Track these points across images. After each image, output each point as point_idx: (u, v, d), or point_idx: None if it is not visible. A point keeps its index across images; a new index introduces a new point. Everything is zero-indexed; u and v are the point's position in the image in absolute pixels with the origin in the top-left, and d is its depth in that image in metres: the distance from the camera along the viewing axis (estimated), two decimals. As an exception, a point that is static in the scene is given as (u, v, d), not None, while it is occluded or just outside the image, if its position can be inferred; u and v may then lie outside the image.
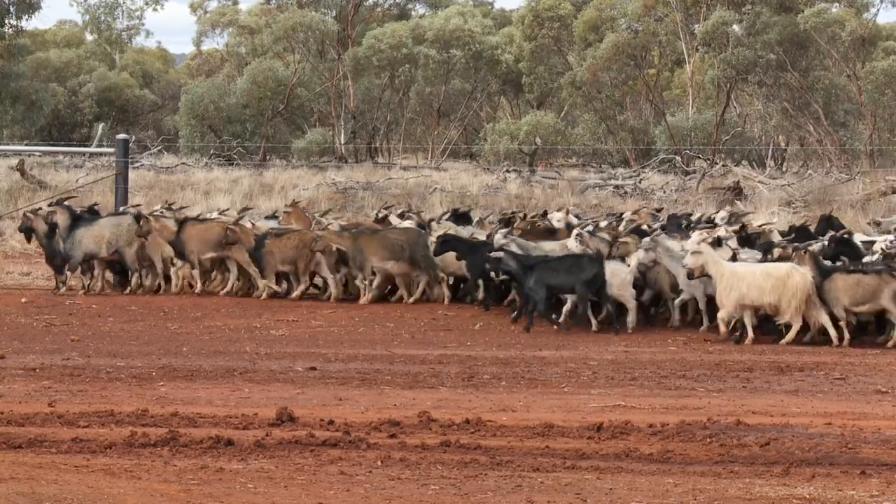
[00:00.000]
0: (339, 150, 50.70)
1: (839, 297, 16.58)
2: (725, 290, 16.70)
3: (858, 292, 16.57)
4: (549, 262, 17.88)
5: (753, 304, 16.72)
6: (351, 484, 9.44)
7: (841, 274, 16.67)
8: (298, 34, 51.93)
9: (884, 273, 16.58)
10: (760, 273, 16.71)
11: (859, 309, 16.70)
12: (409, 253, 19.86)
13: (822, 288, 16.59)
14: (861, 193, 32.52)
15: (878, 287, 16.52)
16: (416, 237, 20.05)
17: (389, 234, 20.19)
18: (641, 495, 9.23)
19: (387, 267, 19.96)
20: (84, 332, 17.26)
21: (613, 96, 49.08)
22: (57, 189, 33.17)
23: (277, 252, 20.24)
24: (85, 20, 74.19)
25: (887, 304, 16.54)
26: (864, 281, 16.58)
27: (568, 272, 17.60)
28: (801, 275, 16.57)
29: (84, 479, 9.33)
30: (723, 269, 16.73)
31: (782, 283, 16.57)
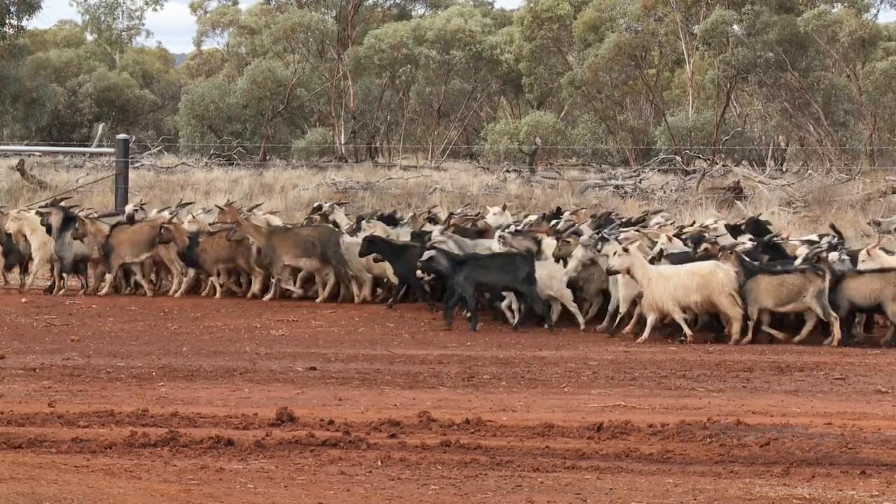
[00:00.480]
0: (340, 150, 50.70)
1: (761, 297, 16.71)
2: (651, 291, 16.83)
3: (783, 292, 16.70)
4: (481, 260, 17.95)
5: (680, 303, 16.83)
6: (351, 484, 9.45)
7: (765, 274, 16.78)
8: (298, 34, 51.93)
9: (808, 272, 16.71)
10: (685, 273, 16.84)
11: (784, 308, 16.85)
12: (321, 250, 19.95)
13: (744, 287, 16.71)
14: (861, 193, 32.52)
15: (802, 286, 16.64)
16: (329, 234, 20.15)
17: (302, 232, 20.31)
18: (641, 495, 9.23)
19: (299, 264, 20.09)
20: (84, 332, 17.26)
21: (613, 96, 49.08)
22: (57, 189, 33.18)
23: (211, 250, 20.29)
24: (85, 20, 74.20)
25: (811, 302, 16.65)
26: (788, 281, 16.71)
27: (500, 271, 17.70)
28: (724, 272, 16.71)
29: (84, 479, 9.33)
30: (649, 272, 16.84)
31: (708, 281, 16.69)
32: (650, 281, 16.76)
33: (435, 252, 17.89)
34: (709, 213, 27.83)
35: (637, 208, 29.84)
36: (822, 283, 16.57)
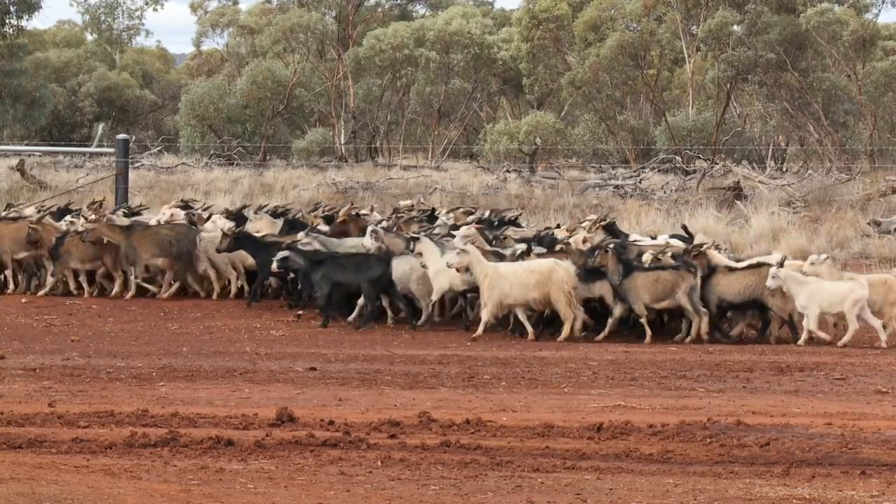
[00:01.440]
0: (340, 150, 50.71)
1: (640, 294, 16.82)
2: (489, 290, 16.91)
3: (658, 289, 16.82)
4: (338, 259, 18.06)
5: (517, 301, 16.93)
6: (351, 484, 9.45)
7: (641, 271, 16.89)
8: (298, 34, 51.94)
9: (681, 269, 16.83)
10: (523, 271, 16.93)
11: (659, 305, 16.97)
12: (177, 248, 20.00)
13: (622, 285, 16.84)
14: (861, 193, 32.53)
15: (675, 283, 16.77)
16: (186, 233, 20.21)
17: (160, 231, 20.33)
18: (641, 495, 9.22)
19: (157, 262, 20.17)
20: (84, 333, 17.26)
21: (613, 96, 49.09)
22: (57, 189, 33.18)
23: (76, 250, 20.27)
24: (85, 20, 74.20)
25: (682, 300, 16.80)
26: (662, 277, 16.83)
27: (356, 270, 17.82)
28: (563, 269, 16.84)
29: (84, 480, 9.33)
30: (486, 269, 16.94)
31: (547, 278, 16.78)
32: (487, 278, 16.91)
33: (290, 252, 18.09)
34: (709, 213, 27.87)
35: (637, 208, 29.87)
36: (693, 279, 16.76)
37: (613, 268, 16.85)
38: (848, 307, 16.33)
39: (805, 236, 25.41)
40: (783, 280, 16.39)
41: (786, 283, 16.40)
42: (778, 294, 16.56)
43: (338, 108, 52.19)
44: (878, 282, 16.99)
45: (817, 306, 16.39)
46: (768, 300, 16.70)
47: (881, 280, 17.08)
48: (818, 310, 16.41)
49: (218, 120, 50.85)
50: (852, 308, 16.33)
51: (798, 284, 16.40)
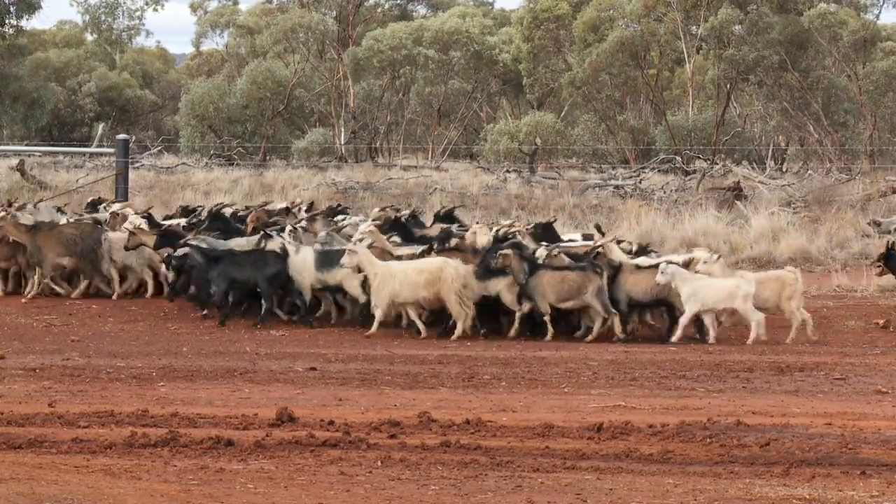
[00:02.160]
0: (340, 150, 50.71)
1: (545, 293, 16.92)
2: (379, 289, 17.03)
3: (564, 288, 16.91)
4: (236, 256, 18.11)
5: (407, 300, 17.06)
6: (351, 484, 9.45)
7: (547, 271, 16.97)
8: (298, 34, 51.94)
9: (588, 270, 16.93)
10: (413, 270, 17.06)
11: (565, 305, 17.07)
12: (82, 247, 19.98)
13: (528, 285, 16.94)
14: (861, 193, 32.52)
15: (582, 284, 16.85)
16: (90, 232, 20.16)
17: (65, 230, 20.25)
18: (641, 495, 9.22)
19: (63, 262, 20.12)
20: (84, 333, 17.26)
21: (613, 96, 49.08)
22: (57, 189, 33.19)
23: None
24: (85, 20, 74.20)
25: (590, 300, 16.89)
26: (569, 277, 16.93)
27: (253, 267, 17.90)
28: (453, 268, 16.97)
29: (84, 480, 9.33)
30: (376, 268, 17.08)
31: (436, 277, 16.90)
32: (378, 277, 17.04)
33: (189, 248, 18.18)
34: (709, 213, 27.86)
35: (637, 208, 29.86)
36: (600, 280, 16.88)
37: (518, 268, 16.99)
38: (740, 304, 16.54)
39: (805, 236, 25.41)
40: (671, 276, 16.58)
41: (673, 280, 16.58)
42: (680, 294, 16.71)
43: (338, 108, 52.18)
44: (771, 278, 17.16)
45: (700, 303, 16.59)
46: (675, 299, 16.86)
47: (775, 276, 17.26)
48: (699, 306, 16.61)
49: (218, 120, 50.85)
50: (744, 304, 16.54)
51: (683, 281, 16.58)
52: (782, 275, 17.16)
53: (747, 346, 16.62)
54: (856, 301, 20.18)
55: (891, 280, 20.84)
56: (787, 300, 16.94)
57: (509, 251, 17.03)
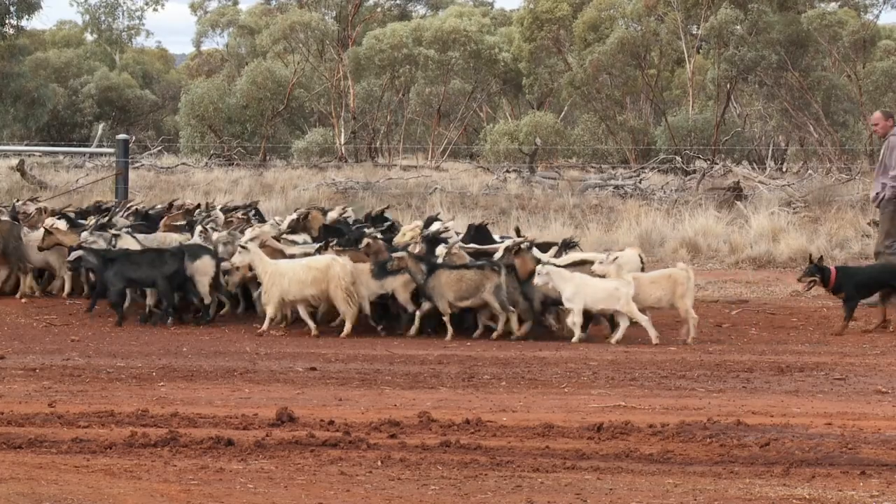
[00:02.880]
0: (340, 150, 50.72)
1: (444, 292, 17.02)
2: (269, 287, 17.16)
3: (462, 287, 17.01)
4: (132, 256, 18.20)
5: (296, 298, 17.21)
6: (351, 484, 9.45)
7: (445, 270, 17.08)
8: (298, 34, 51.96)
9: (486, 268, 17.02)
10: (301, 267, 17.20)
11: (463, 303, 17.16)
12: (2, 245, 19.96)
13: (426, 284, 17.06)
14: (861, 193, 32.52)
15: (480, 282, 16.94)
16: (9, 229, 20.10)
17: None
18: (641, 495, 9.23)
19: None
20: (84, 333, 17.27)
21: (613, 96, 49.10)
22: (57, 189, 33.20)
23: None
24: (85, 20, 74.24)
25: (489, 298, 16.98)
26: (466, 276, 17.03)
27: (149, 266, 17.94)
28: (340, 266, 17.10)
29: (84, 480, 9.33)
30: (267, 266, 17.22)
31: (323, 275, 17.04)
32: (268, 275, 17.17)
33: (83, 251, 18.25)
34: (709, 213, 27.86)
35: (637, 208, 29.87)
36: (498, 278, 16.94)
37: (415, 269, 17.10)
38: (622, 304, 16.64)
39: (805, 236, 25.41)
40: (549, 277, 16.67)
41: (552, 280, 16.68)
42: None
43: (338, 108, 52.19)
44: (664, 277, 17.20)
45: (581, 302, 16.69)
46: None
47: (667, 275, 17.27)
48: (581, 305, 16.71)
49: (218, 120, 50.87)
50: (627, 305, 16.63)
51: (563, 281, 16.68)
52: (674, 273, 17.22)
53: (747, 347, 16.63)
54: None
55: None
56: (680, 298, 16.99)
57: (403, 254, 17.19)
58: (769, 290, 21.13)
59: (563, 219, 28.91)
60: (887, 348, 16.57)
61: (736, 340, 17.21)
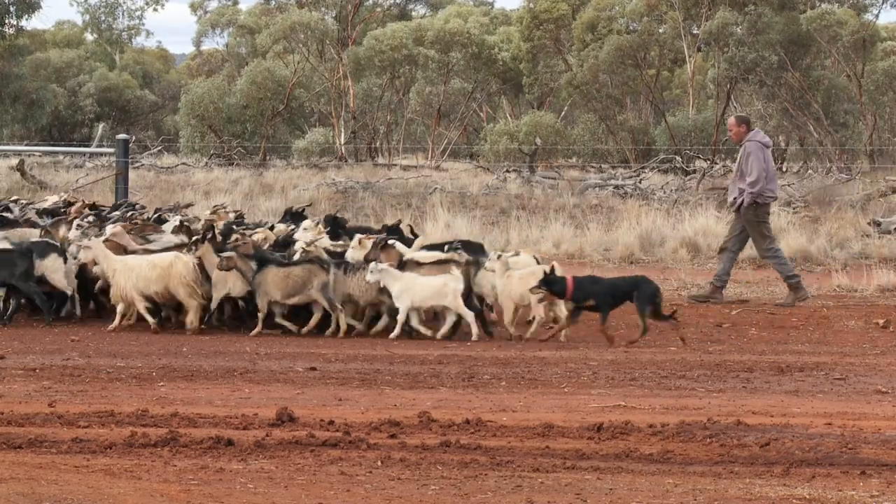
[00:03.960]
0: (340, 150, 50.73)
1: (269, 290, 17.10)
2: (117, 283, 17.29)
3: (289, 284, 17.08)
4: None
5: (143, 293, 17.30)
6: (351, 484, 9.45)
7: (272, 267, 17.13)
8: (298, 34, 51.97)
9: (313, 265, 17.11)
10: (147, 264, 17.32)
11: (291, 301, 17.21)
12: None
13: (254, 281, 17.13)
14: (861, 193, 32.54)
15: (307, 279, 17.03)
16: None
17: None
18: (641, 495, 9.23)
19: None
20: (84, 332, 17.26)
21: (613, 96, 49.12)
22: (57, 189, 33.20)
23: None
24: (85, 20, 74.23)
25: (316, 295, 17.06)
26: (293, 274, 17.09)
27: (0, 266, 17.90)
28: (183, 263, 17.19)
29: (84, 480, 9.33)
30: (114, 263, 17.33)
31: (167, 272, 17.17)
32: (116, 272, 17.29)
33: None
34: (709, 213, 27.87)
35: (637, 208, 29.87)
36: (325, 276, 16.99)
37: (244, 267, 17.15)
38: (451, 301, 16.73)
39: (805, 236, 25.41)
40: (380, 274, 16.78)
41: (382, 278, 16.78)
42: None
43: (338, 108, 52.20)
44: (526, 274, 17.25)
45: (409, 300, 16.78)
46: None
47: (529, 272, 17.34)
48: (409, 303, 16.79)
49: (218, 120, 50.89)
50: (454, 301, 16.72)
51: (393, 279, 16.78)
52: (535, 270, 17.33)
53: (747, 346, 16.62)
54: (856, 301, 20.18)
55: (892, 279, 20.87)
56: None
57: (232, 253, 17.25)
58: (769, 290, 21.13)
59: (563, 219, 28.91)
60: (887, 348, 16.57)
61: (736, 340, 17.20)
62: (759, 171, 19.22)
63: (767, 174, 19.34)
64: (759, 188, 19.20)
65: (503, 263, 17.17)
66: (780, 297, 20.01)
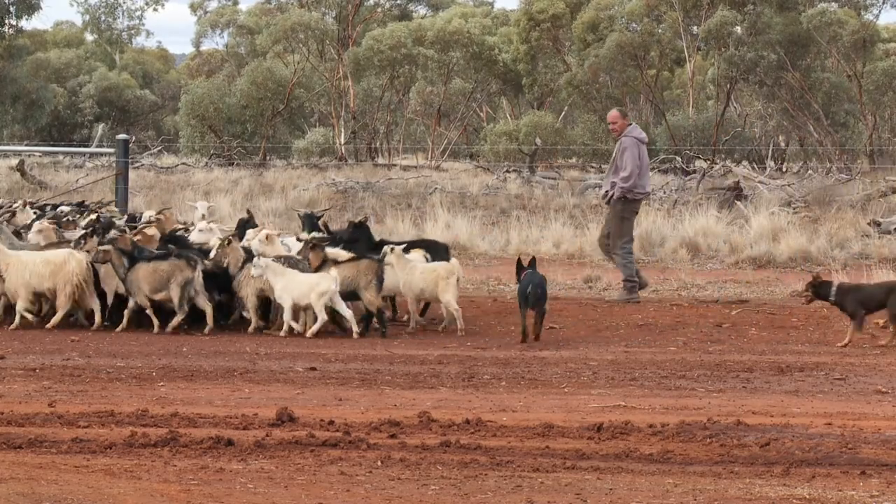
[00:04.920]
0: (340, 150, 50.73)
1: (140, 286, 17.17)
2: (14, 279, 17.29)
3: (155, 279, 17.15)
4: None
5: (36, 290, 17.34)
6: (351, 484, 9.45)
7: (143, 263, 17.21)
8: (298, 34, 51.97)
9: (180, 261, 17.19)
10: (41, 260, 17.35)
11: (158, 297, 17.26)
12: None
13: (127, 278, 17.21)
14: (861, 193, 32.53)
15: (171, 274, 17.12)
16: None
17: None
18: (641, 495, 9.22)
19: None
20: (84, 333, 17.25)
21: (613, 96, 49.11)
22: (57, 189, 33.20)
23: None
24: (85, 20, 74.23)
25: (173, 291, 17.13)
26: (160, 269, 17.14)
27: None
28: (77, 261, 17.21)
29: (84, 480, 9.33)
30: (9, 259, 17.34)
31: (59, 268, 17.19)
32: (9, 267, 17.30)
33: None
34: (709, 214, 27.86)
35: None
36: (190, 272, 17.06)
37: (118, 262, 17.21)
38: (315, 299, 16.78)
39: (805, 236, 25.41)
40: (263, 270, 16.83)
41: (266, 273, 16.84)
42: (371, 287, 16.98)
43: (338, 108, 52.20)
44: (429, 269, 17.44)
45: (290, 297, 16.85)
46: (361, 293, 17.14)
47: (432, 268, 17.50)
48: (290, 301, 16.85)
49: (218, 120, 50.88)
50: (318, 300, 16.76)
51: (275, 276, 16.83)
52: (437, 266, 17.46)
53: (747, 346, 16.62)
54: (856, 301, 20.15)
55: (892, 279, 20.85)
56: (441, 292, 17.24)
57: (108, 247, 17.28)
58: (769, 290, 21.13)
59: (563, 219, 28.91)
60: (887, 348, 16.56)
61: (736, 340, 17.19)
62: (633, 166, 19.30)
63: (640, 170, 19.43)
64: (631, 183, 19.26)
65: (398, 256, 17.36)
66: (780, 298, 20.03)
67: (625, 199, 19.33)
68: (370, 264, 17.10)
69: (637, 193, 19.48)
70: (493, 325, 18.26)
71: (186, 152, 51.03)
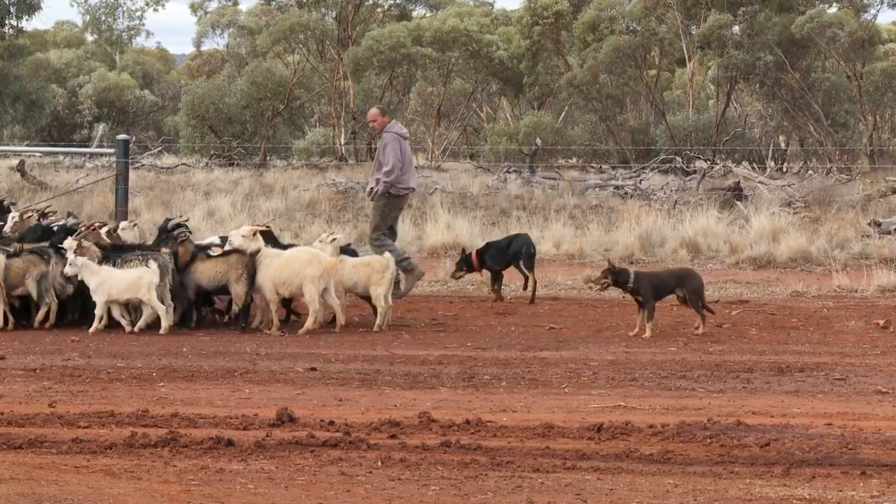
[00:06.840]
0: (340, 150, 50.73)
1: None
2: None
3: (11, 275, 17.24)
4: None
5: None
6: (351, 484, 9.45)
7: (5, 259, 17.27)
8: (298, 34, 51.97)
9: (34, 256, 17.26)
10: None
11: (15, 292, 17.38)
12: None
13: None
14: (861, 193, 32.53)
15: (25, 270, 17.22)
16: None
17: None
18: (642, 496, 9.23)
19: None
20: (84, 333, 17.25)
21: (614, 96, 49.12)
22: (57, 190, 33.20)
23: None
24: (85, 20, 74.25)
25: (30, 286, 17.24)
26: (15, 265, 17.24)
27: None
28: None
29: (84, 480, 9.34)
30: None
31: None
32: None
33: None
34: (709, 214, 27.86)
35: (637, 209, 29.88)
36: (45, 267, 17.16)
37: None
38: (144, 293, 16.88)
39: (805, 236, 25.41)
40: (78, 268, 16.88)
41: (80, 271, 16.90)
42: (241, 281, 17.11)
43: (338, 108, 52.20)
44: (362, 263, 17.57)
45: (105, 294, 16.94)
46: (232, 287, 17.27)
47: (365, 262, 17.64)
48: (105, 297, 16.95)
49: (218, 120, 50.86)
50: (148, 293, 16.87)
51: (90, 273, 16.90)
52: (371, 261, 17.61)
53: (747, 346, 16.62)
54: (856, 301, 20.18)
55: (892, 279, 20.87)
56: (373, 286, 17.36)
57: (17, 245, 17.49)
58: (769, 290, 21.14)
59: (564, 219, 28.91)
60: (887, 348, 16.57)
61: (736, 340, 17.20)
62: (395, 161, 19.31)
63: (403, 165, 19.45)
64: (393, 177, 19.29)
65: (334, 247, 17.56)
66: (780, 298, 20.02)
67: (388, 195, 19.40)
68: (240, 258, 17.18)
69: (401, 189, 19.50)
70: (493, 326, 18.26)
71: (186, 152, 51.02)
